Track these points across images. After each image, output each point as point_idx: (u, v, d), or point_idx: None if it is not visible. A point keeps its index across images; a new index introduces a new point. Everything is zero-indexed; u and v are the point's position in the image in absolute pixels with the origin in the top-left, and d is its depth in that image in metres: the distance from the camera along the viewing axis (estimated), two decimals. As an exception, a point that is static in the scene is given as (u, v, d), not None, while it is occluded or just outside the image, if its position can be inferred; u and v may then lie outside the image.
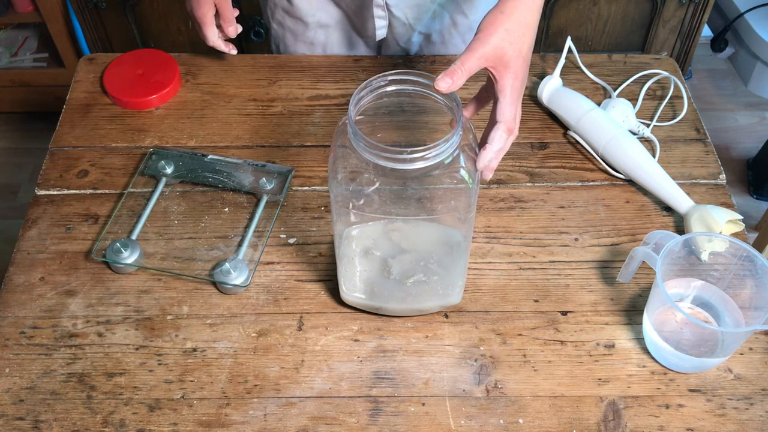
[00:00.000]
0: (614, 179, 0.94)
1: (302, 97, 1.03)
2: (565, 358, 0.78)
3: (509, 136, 0.73)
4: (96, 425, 0.74)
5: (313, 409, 0.75)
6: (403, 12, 1.06)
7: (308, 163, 0.96)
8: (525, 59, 0.72)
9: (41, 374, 0.77)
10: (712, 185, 0.94)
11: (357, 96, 0.67)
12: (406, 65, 1.08)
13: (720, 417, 0.75)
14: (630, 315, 0.82)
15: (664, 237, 0.77)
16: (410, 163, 0.65)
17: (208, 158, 0.94)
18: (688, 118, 1.01)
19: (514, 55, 0.70)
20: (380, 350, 0.79)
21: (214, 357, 0.78)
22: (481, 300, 0.83)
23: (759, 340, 0.80)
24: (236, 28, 0.93)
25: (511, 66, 0.71)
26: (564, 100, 0.99)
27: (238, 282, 0.82)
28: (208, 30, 0.91)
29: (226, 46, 0.97)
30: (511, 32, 0.70)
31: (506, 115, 0.72)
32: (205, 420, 0.74)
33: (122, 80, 1.03)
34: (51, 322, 0.81)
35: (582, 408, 0.75)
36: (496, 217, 0.90)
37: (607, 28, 1.91)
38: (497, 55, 0.70)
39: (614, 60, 1.09)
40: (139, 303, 0.83)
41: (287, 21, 1.11)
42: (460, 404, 0.75)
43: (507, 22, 0.70)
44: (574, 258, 0.87)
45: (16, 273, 0.85)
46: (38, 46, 2.09)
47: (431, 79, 0.68)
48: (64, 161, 0.96)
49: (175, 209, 0.91)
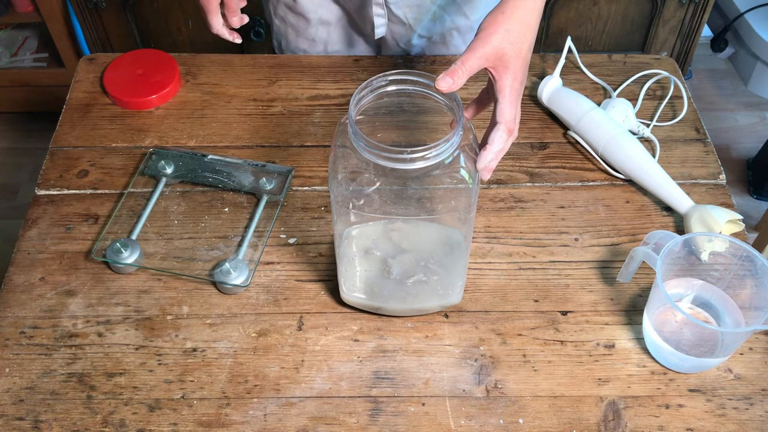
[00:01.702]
0: (614, 179, 0.94)
1: (302, 97, 1.03)
2: (565, 358, 0.78)
3: (509, 137, 0.73)
4: (96, 425, 0.74)
5: (313, 409, 0.75)
6: (402, 11, 1.06)
7: (308, 163, 0.96)
8: (524, 60, 0.72)
9: (41, 374, 0.77)
10: (712, 185, 0.94)
11: (357, 96, 0.67)
12: (406, 65, 1.08)
13: (720, 417, 0.75)
14: (630, 315, 0.82)
15: (664, 237, 0.77)
16: (410, 163, 0.65)
17: (208, 158, 0.94)
18: (688, 118, 1.01)
19: (514, 55, 0.71)
20: (380, 350, 0.79)
21: (214, 357, 0.78)
22: (481, 300, 0.83)
23: (759, 340, 0.80)
24: (240, 19, 0.93)
25: (510, 66, 0.71)
26: (564, 100, 0.99)
27: (238, 282, 0.82)
28: (213, 17, 0.91)
29: (231, 35, 0.97)
30: (511, 32, 0.70)
31: (506, 116, 0.72)
32: (205, 420, 0.74)
33: (122, 80, 1.03)
34: (51, 322, 0.81)
35: (582, 408, 0.75)
36: (496, 217, 0.90)
37: (607, 28, 1.91)
38: (497, 55, 0.70)
39: (614, 60, 1.09)
40: (139, 303, 0.83)
41: (290, 17, 1.11)
42: (460, 404, 0.75)
43: (507, 22, 0.70)
44: (574, 258, 0.87)
45: (16, 273, 0.85)
46: (38, 46, 2.09)
47: (431, 79, 0.68)
48: (64, 161, 0.96)
49: (175, 209, 0.91)
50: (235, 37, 0.96)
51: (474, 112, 0.77)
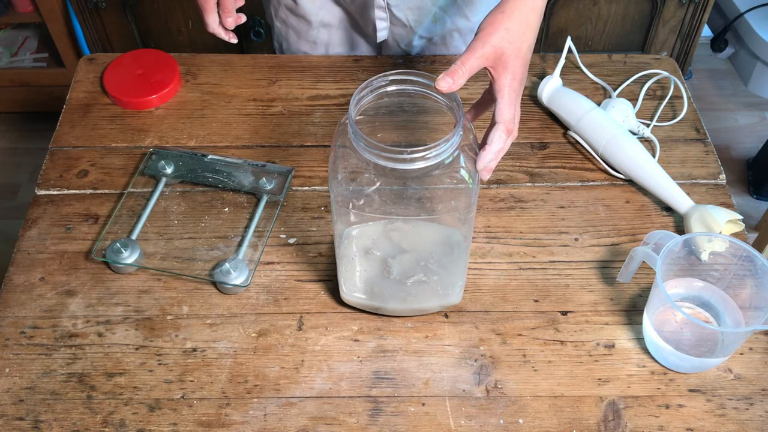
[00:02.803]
0: (614, 179, 0.94)
1: (302, 97, 1.03)
2: (565, 358, 0.78)
3: (508, 137, 0.73)
4: (96, 425, 0.74)
5: (313, 409, 0.75)
6: (403, 13, 1.06)
7: (308, 163, 0.96)
8: (524, 59, 0.72)
9: (41, 374, 0.77)
10: (712, 185, 0.94)
11: (357, 96, 0.67)
12: (406, 65, 1.08)
13: (720, 417, 0.75)
14: (630, 315, 0.82)
15: (664, 237, 0.77)
16: (410, 163, 0.65)
17: (208, 158, 0.94)
18: (688, 118, 1.01)
19: (513, 54, 0.70)
20: (380, 350, 0.79)
21: (214, 357, 0.78)
22: (481, 300, 0.83)
23: (759, 340, 0.80)
24: (235, 19, 0.93)
25: (509, 66, 0.71)
26: (564, 100, 0.99)
27: (238, 282, 0.82)
28: (209, 16, 0.91)
29: (227, 34, 0.97)
30: (510, 31, 0.70)
31: (505, 116, 0.72)
32: (205, 420, 0.74)
33: (122, 80, 1.03)
34: (51, 322, 0.81)
35: (582, 408, 0.75)
36: (496, 217, 0.90)
37: (607, 28, 1.91)
38: (496, 55, 0.70)
39: (614, 60, 1.09)
40: (139, 303, 0.83)
41: (291, 19, 1.11)
42: (460, 404, 0.75)
43: (507, 22, 0.70)
44: (574, 258, 0.87)
45: (16, 273, 0.85)
46: (38, 46, 2.09)
47: (431, 79, 0.68)
48: (64, 161, 0.96)
49: (175, 209, 0.91)
50: (230, 37, 0.95)
51: (476, 114, 0.77)
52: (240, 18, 0.93)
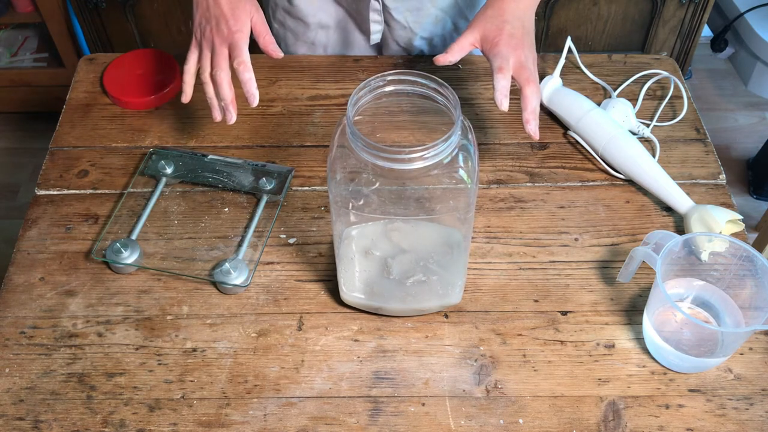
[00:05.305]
0: (614, 179, 0.94)
1: (302, 97, 1.03)
2: (565, 358, 0.78)
3: (535, 88, 0.81)
4: (96, 425, 0.74)
5: (313, 409, 0.75)
6: (403, 15, 1.06)
7: (308, 163, 0.96)
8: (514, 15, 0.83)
9: (41, 374, 0.77)
10: (712, 185, 0.94)
11: (356, 96, 0.67)
12: (405, 65, 1.08)
13: (720, 417, 0.75)
14: (630, 315, 0.82)
15: (664, 237, 0.77)
16: (409, 163, 0.65)
17: (208, 158, 0.94)
18: (688, 118, 1.01)
19: (495, 15, 0.83)
20: (380, 350, 0.79)
21: (214, 357, 0.78)
22: (481, 300, 0.83)
23: (759, 340, 0.80)
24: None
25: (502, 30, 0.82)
26: (564, 100, 0.98)
27: (238, 282, 0.82)
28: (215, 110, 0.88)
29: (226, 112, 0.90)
30: (494, 7, 0.83)
31: (522, 77, 0.81)
32: (205, 420, 0.74)
33: (122, 80, 1.03)
34: (51, 322, 0.81)
35: (582, 408, 0.75)
36: (496, 217, 0.90)
37: (607, 28, 1.91)
38: (485, 28, 0.83)
39: (614, 60, 1.09)
40: (139, 303, 0.83)
41: (288, 21, 1.11)
42: (460, 404, 0.75)
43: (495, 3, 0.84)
44: (574, 258, 0.87)
45: (16, 273, 0.85)
46: (38, 46, 2.09)
47: (430, 79, 0.68)
48: (64, 161, 0.96)
49: (175, 209, 0.91)
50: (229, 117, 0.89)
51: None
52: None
